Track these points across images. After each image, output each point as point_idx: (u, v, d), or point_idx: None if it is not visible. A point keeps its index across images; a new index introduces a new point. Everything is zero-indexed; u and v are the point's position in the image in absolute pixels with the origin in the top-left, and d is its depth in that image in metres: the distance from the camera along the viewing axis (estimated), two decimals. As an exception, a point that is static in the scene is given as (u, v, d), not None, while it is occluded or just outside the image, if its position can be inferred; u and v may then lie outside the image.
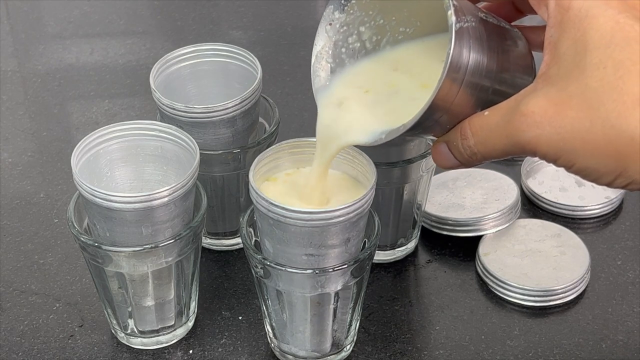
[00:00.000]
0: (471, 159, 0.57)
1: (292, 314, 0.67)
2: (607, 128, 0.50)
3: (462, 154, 0.57)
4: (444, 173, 0.83)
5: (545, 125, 0.52)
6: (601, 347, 0.71)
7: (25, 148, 0.90)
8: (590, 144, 0.51)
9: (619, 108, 0.50)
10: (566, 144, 0.51)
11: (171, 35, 1.07)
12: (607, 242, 0.79)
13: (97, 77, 1.00)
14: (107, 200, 0.64)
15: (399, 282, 0.76)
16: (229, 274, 0.77)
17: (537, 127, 0.52)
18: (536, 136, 0.52)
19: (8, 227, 0.82)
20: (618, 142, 0.50)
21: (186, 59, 0.76)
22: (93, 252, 0.66)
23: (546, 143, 0.52)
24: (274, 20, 1.07)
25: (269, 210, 0.62)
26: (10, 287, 0.76)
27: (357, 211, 0.62)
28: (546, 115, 0.52)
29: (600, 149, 0.51)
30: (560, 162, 0.52)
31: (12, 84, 0.99)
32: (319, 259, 0.63)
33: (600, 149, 0.51)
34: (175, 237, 0.66)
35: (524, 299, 0.74)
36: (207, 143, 0.72)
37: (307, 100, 0.95)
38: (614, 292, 0.75)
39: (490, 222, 0.78)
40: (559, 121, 0.51)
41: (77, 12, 1.10)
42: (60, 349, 0.71)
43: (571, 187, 0.83)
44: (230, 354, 0.71)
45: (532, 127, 0.52)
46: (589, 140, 0.51)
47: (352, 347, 0.71)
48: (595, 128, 0.50)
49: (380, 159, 0.70)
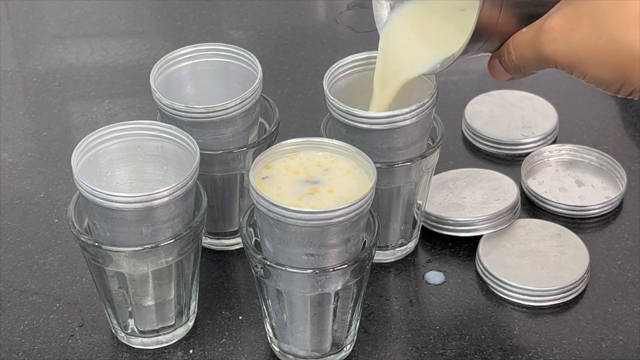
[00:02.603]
0: (517, 71, 0.64)
1: (292, 313, 0.67)
2: (610, 42, 0.56)
3: (509, 67, 0.64)
4: (444, 173, 0.83)
5: (561, 41, 0.59)
6: (601, 347, 0.71)
7: (25, 148, 0.90)
8: (597, 56, 0.57)
9: (621, 24, 0.56)
10: (578, 56, 0.58)
11: (171, 35, 1.07)
12: (607, 242, 0.79)
13: (97, 77, 1.00)
14: (107, 200, 0.64)
15: (399, 282, 0.76)
16: (229, 274, 0.78)
17: (555, 42, 0.59)
18: (554, 50, 0.59)
19: (8, 227, 0.82)
20: (620, 54, 0.56)
21: (186, 59, 0.76)
22: (93, 252, 0.66)
23: (562, 56, 0.59)
24: (274, 20, 1.07)
25: (269, 210, 0.62)
26: (10, 287, 0.76)
27: (357, 211, 0.62)
28: (562, 32, 0.58)
29: (605, 61, 0.57)
30: (575, 73, 0.59)
31: (12, 84, 0.99)
32: (319, 258, 0.63)
33: (606, 61, 0.57)
34: (176, 237, 0.66)
35: (524, 299, 0.74)
36: (207, 143, 0.72)
37: (307, 100, 0.95)
38: (614, 292, 0.75)
39: (490, 222, 0.78)
40: (571, 37, 0.58)
41: (77, 12, 1.10)
42: (60, 349, 0.71)
43: (571, 187, 0.83)
44: (230, 353, 0.71)
45: (552, 42, 0.59)
46: (596, 53, 0.57)
47: (352, 347, 0.71)
48: (601, 42, 0.57)
49: (380, 159, 0.70)
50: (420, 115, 0.70)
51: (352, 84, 0.74)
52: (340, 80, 0.73)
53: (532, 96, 0.92)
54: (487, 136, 0.88)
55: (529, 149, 0.87)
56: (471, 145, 0.89)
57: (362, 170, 0.66)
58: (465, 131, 0.90)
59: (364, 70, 0.73)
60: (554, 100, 0.91)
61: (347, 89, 0.73)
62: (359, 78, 0.74)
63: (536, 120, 0.90)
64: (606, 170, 0.84)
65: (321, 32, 1.04)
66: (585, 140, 0.89)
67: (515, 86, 0.95)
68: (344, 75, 0.74)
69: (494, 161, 0.88)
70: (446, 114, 0.88)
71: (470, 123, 0.89)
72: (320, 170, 0.66)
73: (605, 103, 0.94)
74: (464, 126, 0.90)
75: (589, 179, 0.84)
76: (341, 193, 0.65)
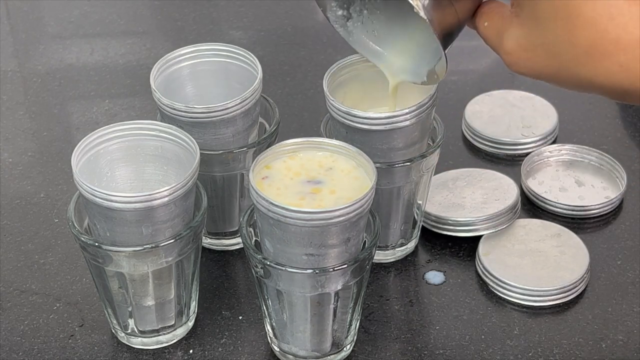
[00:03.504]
0: None
1: (292, 313, 0.67)
2: (570, 74, 0.57)
3: None
4: (444, 173, 0.83)
5: (522, 66, 0.59)
6: (601, 347, 0.71)
7: (25, 148, 0.90)
8: (562, 82, 0.58)
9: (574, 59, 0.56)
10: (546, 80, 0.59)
11: (171, 35, 1.07)
12: (607, 242, 0.79)
13: (97, 77, 1.00)
14: (108, 200, 0.64)
15: (399, 282, 0.77)
16: (229, 274, 0.78)
17: (518, 65, 0.59)
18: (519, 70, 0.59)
19: (8, 227, 0.82)
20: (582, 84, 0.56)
21: (186, 59, 0.76)
22: (93, 252, 0.66)
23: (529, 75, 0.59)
24: (274, 20, 1.07)
25: (269, 210, 0.62)
26: (10, 287, 0.76)
27: (357, 211, 0.63)
28: (521, 59, 0.58)
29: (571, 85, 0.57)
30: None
31: (12, 84, 0.99)
32: (319, 258, 0.63)
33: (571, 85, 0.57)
34: (176, 237, 0.66)
35: (524, 299, 0.74)
36: (207, 143, 0.72)
37: (307, 100, 0.95)
38: (614, 292, 0.75)
39: (490, 222, 0.78)
40: (531, 65, 0.58)
41: (77, 12, 1.10)
42: (60, 349, 0.71)
43: (571, 187, 0.83)
44: (230, 353, 0.71)
45: (514, 65, 0.59)
46: (562, 82, 0.58)
47: (352, 347, 0.71)
48: (562, 73, 0.57)
49: (380, 159, 0.70)
50: (420, 115, 0.70)
51: (352, 84, 0.74)
52: (340, 80, 0.73)
53: (532, 96, 0.92)
54: (487, 136, 0.88)
55: (529, 149, 0.87)
56: (471, 145, 0.89)
57: (362, 170, 0.66)
58: (465, 131, 0.90)
59: (364, 70, 0.73)
60: (554, 100, 0.91)
61: (347, 89, 0.73)
62: (359, 78, 0.74)
63: (536, 120, 0.90)
64: (606, 170, 0.84)
65: (321, 32, 1.04)
66: (585, 140, 0.89)
67: (515, 86, 0.95)
68: (344, 75, 0.74)
69: (494, 161, 0.88)
70: (446, 114, 0.88)
71: (470, 123, 0.89)
72: (322, 170, 0.66)
73: (605, 103, 0.94)
74: (464, 126, 0.90)
75: (589, 179, 0.84)
76: (343, 194, 0.65)
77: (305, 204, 0.64)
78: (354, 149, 0.66)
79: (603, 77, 0.55)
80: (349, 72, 0.74)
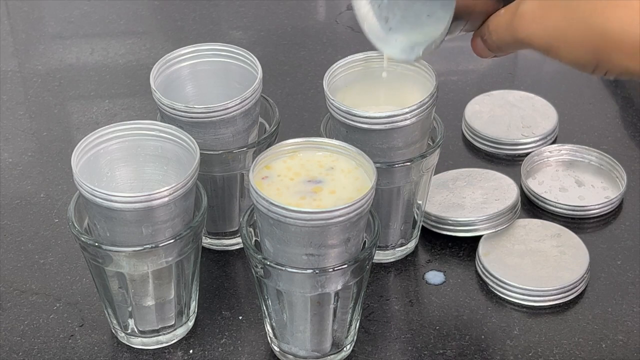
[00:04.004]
0: (499, 50, 0.65)
1: (292, 313, 0.67)
2: (582, 26, 0.57)
3: (491, 47, 0.65)
4: (444, 173, 0.83)
5: (535, 25, 0.59)
6: (601, 347, 0.71)
7: (25, 148, 0.90)
8: (571, 40, 0.58)
9: (593, 9, 0.56)
10: (552, 40, 0.59)
11: (171, 35, 1.07)
12: (607, 242, 0.79)
13: (97, 77, 1.00)
14: (107, 200, 0.64)
15: (399, 282, 0.77)
16: (229, 274, 0.78)
17: (529, 26, 0.60)
18: (529, 34, 0.60)
19: (8, 227, 0.82)
20: (593, 37, 0.57)
21: (186, 59, 0.76)
22: (93, 252, 0.66)
23: (537, 40, 0.60)
24: (274, 20, 1.07)
25: (269, 210, 0.62)
26: (10, 287, 0.76)
27: (357, 211, 0.63)
28: (535, 16, 0.59)
29: (579, 44, 0.58)
30: (551, 55, 0.60)
31: (12, 84, 0.99)
32: (319, 258, 0.63)
33: (579, 44, 0.58)
34: (176, 237, 0.66)
35: (524, 299, 0.74)
36: (207, 143, 0.72)
37: (307, 100, 0.95)
38: (614, 292, 0.75)
39: (490, 222, 0.78)
40: (545, 21, 0.59)
41: (77, 12, 1.10)
42: (60, 349, 0.71)
43: (571, 187, 0.83)
44: (230, 353, 0.71)
45: (526, 27, 0.60)
46: (569, 37, 0.58)
47: (352, 347, 0.71)
48: (573, 26, 0.58)
49: (380, 159, 0.70)
50: (420, 115, 0.70)
51: (352, 84, 0.74)
52: (340, 80, 0.73)
53: (532, 96, 0.92)
54: (487, 136, 0.88)
55: (529, 149, 0.87)
56: (471, 145, 0.89)
57: (362, 170, 0.66)
58: (465, 131, 0.90)
59: (364, 70, 0.73)
60: (554, 100, 0.92)
61: (347, 89, 0.73)
62: (359, 78, 0.74)
63: (536, 120, 0.90)
64: (606, 170, 0.84)
65: (321, 32, 1.04)
66: (585, 140, 0.89)
67: (515, 86, 0.95)
68: (344, 75, 0.74)
69: (494, 161, 0.88)
70: (446, 114, 0.88)
71: (470, 123, 0.89)
72: (322, 170, 0.66)
73: (605, 103, 0.94)
74: (464, 126, 0.90)
75: (589, 179, 0.84)
76: (343, 194, 0.65)
77: (305, 204, 0.64)
78: (354, 149, 0.66)
79: (618, 24, 0.56)
80: (349, 72, 0.74)
